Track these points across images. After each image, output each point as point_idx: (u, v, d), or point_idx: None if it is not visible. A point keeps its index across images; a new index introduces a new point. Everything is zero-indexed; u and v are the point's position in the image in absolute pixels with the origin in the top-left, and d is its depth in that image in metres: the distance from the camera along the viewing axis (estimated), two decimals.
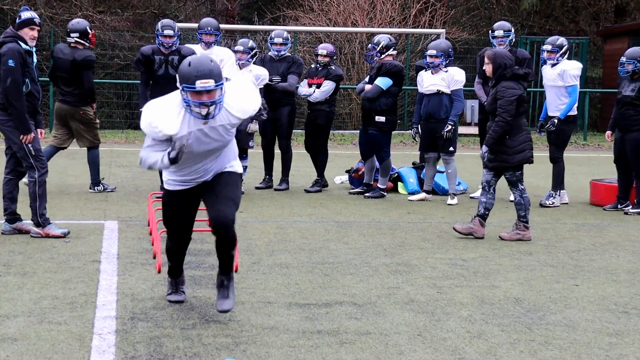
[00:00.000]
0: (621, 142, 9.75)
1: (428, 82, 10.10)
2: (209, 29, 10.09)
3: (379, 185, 10.50)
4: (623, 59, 9.63)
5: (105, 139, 17.54)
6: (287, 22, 23.57)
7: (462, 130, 20.03)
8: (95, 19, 23.84)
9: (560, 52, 9.94)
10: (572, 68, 9.93)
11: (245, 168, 10.41)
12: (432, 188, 10.40)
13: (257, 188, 10.84)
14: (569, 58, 10.34)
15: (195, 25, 16.86)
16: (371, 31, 19.77)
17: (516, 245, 7.78)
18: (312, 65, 11.05)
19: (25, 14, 7.45)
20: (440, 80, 10.01)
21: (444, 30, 19.89)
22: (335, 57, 10.92)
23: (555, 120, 9.78)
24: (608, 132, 10.05)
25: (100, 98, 22.88)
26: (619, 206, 9.88)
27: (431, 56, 10.05)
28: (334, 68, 10.74)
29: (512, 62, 8.01)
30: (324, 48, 10.86)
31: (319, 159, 10.88)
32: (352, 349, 4.81)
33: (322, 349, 4.80)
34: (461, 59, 22.60)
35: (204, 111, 4.87)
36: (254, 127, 10.05)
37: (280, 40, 10.67)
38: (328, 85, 10.63)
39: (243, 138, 10.17)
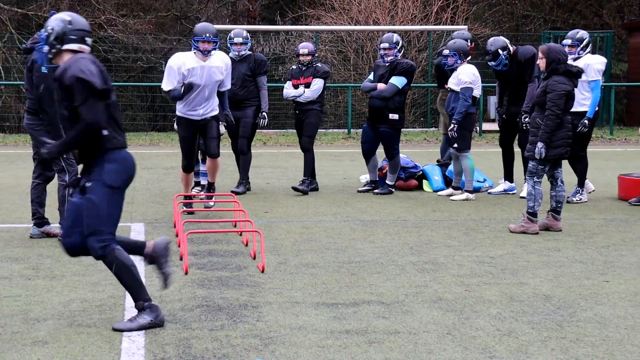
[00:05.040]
0: None
1: (450, 79, 10.31)
2: (207, 35, 8.63)
3: (387, 181, 10.52)
4: None
5: (130, 141, 17.61)
6: (309, 22, 23.58)
7: (486, 126, 19.94)
8: (118, 22, 23.98)
9: (581, 46, 9.84)
10: (596, 62, 9.82)
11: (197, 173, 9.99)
12: (459, 184, 10.38)
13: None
14: (593, 52, 10.24)
15: (226, 27, 16.89)
16: (393, 29, 19.72)
17: (544, 242, 7.73)
18: (293, 67, 10.79)
19: None
20: (452, 78, 10.24)
21: (465, 27, 19.82)
22: (316, 55, 10.77)
23: (586, 122, 9.69)
24: None
25: (123, 101, 23.02)
26: None
27: (444, 55, 10.37)
28: (320, 65, 10.57)
29: (566, 57, 8.14)
30: (305, 47, 10.58)
31: (307, 157, 10.50)
32: (381, 349, 4.79)
33: (351, 349, 4.78)
34: (483, 54, 22.52)
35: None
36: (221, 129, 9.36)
37: (240, 40, 10.23)
38: (318, 84, 10.46)
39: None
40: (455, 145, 10.06)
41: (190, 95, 8.67)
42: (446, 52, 10.30)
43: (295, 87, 10.54)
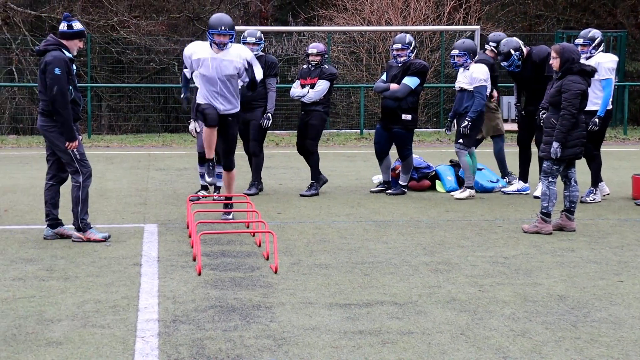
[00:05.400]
0: None
1: (458, 79, 10.38)
2: (223, 28, 8.19)
3: (400, 182, 10.51)
4: None
5: (143, 142, 17.69)
6: (322, 22, 23.58)
7: None
8: (131, 23, 24.06)
9: (593, 45, 9.84)
10: (607, 61, 9.82)
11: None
12: (472, 183, 10.40)
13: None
14: (606, 51, 10.22)
15: (238, 28, 16.81)
16: (405, 29, 19.70)
17: (558, 242, 7.70)
18: (304, 66, 10.75)
19: (77, 26, 7.54)
20: (463, 77, 10.25)
21: (478, 27, 19.78)
22: (326, 56, 10.74)
23: (597, 120, 9.67)
24: None
25: (136, 102, 23.09)
26: None
27: (452, 55, 10.37)
28: (327, 67, 10.50)
29: (579, 57, 8.16)
30: (314, 47, 10.54)
31: (311, 160, 10.46)
32: (394, 349, 4.79)
33: (365, 349, 4.78)
34: (496, 54, 22.40)
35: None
36: None
37: (253, 39, 10.20)
38: (322, 85, 10.39)
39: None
40: (460, 140, 10.12)
41: (202, 88, 8.36)
42: (455, 52, 10.30)
43: (303, 87, 10.51)
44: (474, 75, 10.10)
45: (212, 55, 8.26)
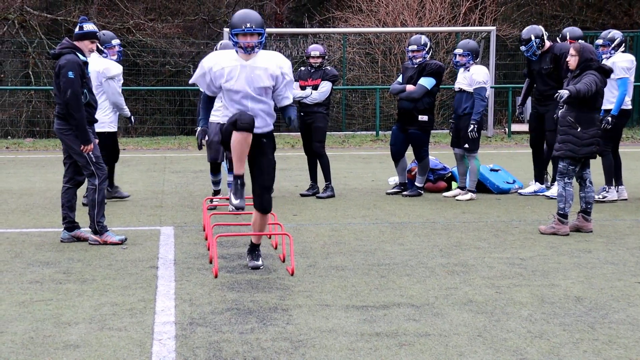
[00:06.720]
0: None
1: (457, 79, 10.37)
2: (249, 26, 6.36)
3: (416, 183, 10.51)
4: None
5: (159, 145, 17.74)
6: (337, 24, 23.59)
7: (515, 127, 19.82)
8: (147, 26, 24.14)
9: (613, 45, 9.89)
10: (622, 60, 9.84)
11: (219, 182, 9.65)
12: (464, 184, 10.39)
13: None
14: (624, 51, 10.22)
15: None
16: (420, 31, 19.67)
17: (575, 243, 7.67)
18: (302, 68, 10.70)
19: (88, 27, 7.56)
20: (463, 78, 10.23)
21: (494, 28, 19.72)
22: (326, 57, 10.75)
23: (609, 118, 9.65)
24: None
25: (152, 105, 23.17)
26: None
27: (455, 54, 10.34)
28: (329, 68, 10.52)
29: (598, 58, 8.18)
30: (316, 49, 10.51)
31: (322, 163, 10.46)
32: (411, 351, 4.78)
33: (382, 351, 4.77)
34: (512, 55, 22.37)
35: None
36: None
37: None
38: (326, 86, 10.38)
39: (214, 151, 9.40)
40: (466, 145, 10.08)
41: (229, 107, 6.53)
42: (459, 51, 10.27)
43: (303, 88, 10.48)
44: (473, 77, 10.08)
45: (240, 62, 6.44)
